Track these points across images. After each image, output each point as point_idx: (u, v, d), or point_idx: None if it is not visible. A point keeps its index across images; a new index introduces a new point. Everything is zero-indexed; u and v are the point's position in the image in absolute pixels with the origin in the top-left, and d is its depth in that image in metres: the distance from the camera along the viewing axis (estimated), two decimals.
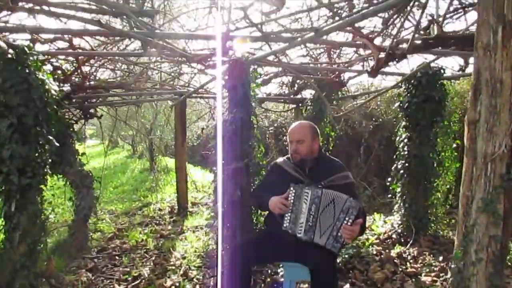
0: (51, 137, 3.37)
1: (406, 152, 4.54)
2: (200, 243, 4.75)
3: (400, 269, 3.73)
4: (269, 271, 3.66)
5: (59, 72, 4.53)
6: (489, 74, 1.54)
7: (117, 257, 4.40)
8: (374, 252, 4.14)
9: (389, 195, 5.21)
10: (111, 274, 3.91)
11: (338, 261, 3.64)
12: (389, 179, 4.91)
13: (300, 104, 6.87)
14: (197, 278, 3.66)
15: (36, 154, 3.22)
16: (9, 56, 3.02)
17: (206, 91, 6.00)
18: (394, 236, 4.58)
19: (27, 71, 3.12)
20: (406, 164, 4.53)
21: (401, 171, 4.59)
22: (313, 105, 5.92)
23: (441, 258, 3.88)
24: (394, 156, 4.79)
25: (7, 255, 3.16)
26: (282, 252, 2.74)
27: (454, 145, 4.67)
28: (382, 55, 2.86)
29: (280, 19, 3.37)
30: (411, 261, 3.94)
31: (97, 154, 17.87)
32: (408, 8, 2.27)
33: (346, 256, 3.87)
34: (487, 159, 1.58)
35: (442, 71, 4.42)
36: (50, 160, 3.52)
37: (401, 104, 4.58)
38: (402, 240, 4.47)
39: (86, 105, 5.61)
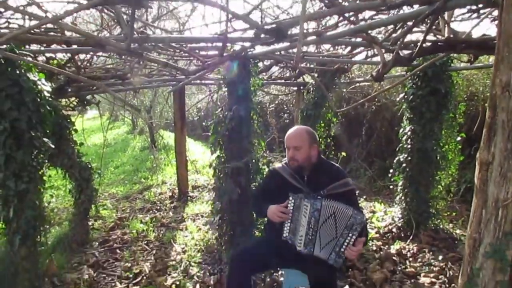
0: (46, 140, 3.30)
1: (409, 146, 4.47)
2: (200, 234, 4.75)
3: (399, 268, 3.74)
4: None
5: (53, 61, 4.39)
6: (507, 116, 1.45)
7: (118, 250, 4.41)
8: (374, 248, 4.14)
9: (390, 180, 5.14)
10: (112, 270, 3.93)
11: None
12: (391, 170, 4.86)
13: (301, 88, 6.74)
14: (198, 275, 3.67)
15: (32, 158, 3.16)
16: None
17: (205, 78, 5.86)
18: (394, 230, 4.58)
19: (17, 72, 3.01)
20: (409, 158, 4.47)
21: (404, 165, 4.53)
22: (315, 90, 5.79)
23: (440, 257, 3.88)
24: (397, 149, 4.72)
25: (8, 258, 3.17)
26: (282, 260, 2.73)
27: (459, 138, 4.59)
28: (388, 57, 2.73)
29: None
30: (410, 259, 3.94)
31: (97, 128, 17.80)
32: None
33: None
34: (498, 204, 1.51)
35: (449, 62, 4.28)
36: (46, 162, 3.48)
37: (405, 96, 4.46)
38: (402, 235, 4.47)
39: (83, 93, 5.49)
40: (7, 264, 3.15)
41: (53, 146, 3.37)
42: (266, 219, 2.94)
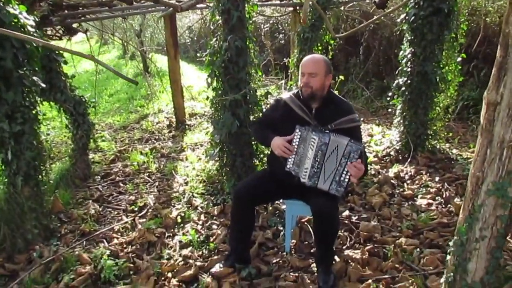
0: (36, 78, 3.18)
1: (409, 69, 4.36)
2: (200, 164, 4.81)
3: (397, 191, 3.84)
4: None
5: None
6: None
7: (121, 184, 4.49)
8: (373, 172, 4.22)
9: (388, 100, 5.12)
10: (117, 204, 4.02)
11: None
12: (390, 94, 4.82)
13: (297, 8, 6.43)
14: (201, 206, 3.77)
15: (23, 98, 3.07)
16: None
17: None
18: (392, 153, 4.64)
19: None
20: (408, 81, 4.38)
21: (403, 88, 4.46)
22: (312, 12, 5.53)
23: (437, 179, 3.97)
24: (396, 72, 4.62)
25: (13, 199, 3.21)
26: (284, 192, 2.79)
27: (459, 59, 4.48)
28: None
29: None
30: (408, 181, 4.04)
31: (87, 52, 17.20)
32: None
33: None
34: (504, 145, 1.49)
35: None
36: (39, 99, 3.39)
37: (406, 17, 4.26)
38: (400, 158, 4.54)
39: (69, 21, 5.23)
40: (13, 205, 3.20)
41: (43, 85, 3.27)
42: (269, 150, 2.95)
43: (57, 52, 4.44)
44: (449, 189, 3.76)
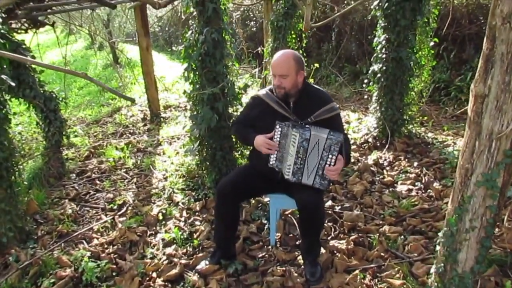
0: (4, 76, 3.02)
1: (383, 55, 4.39)
2: (179, 158, 4.73)
3: (378, 178, 3.89)
4: None
5: None
6: (506, 48, 1.37)
7: (97, 181, 4.36)
8: (352, 160, 4.25)
9: (361, 85, 5.14)
10: (95, 202, 3.91)
11: None
12: (366, 80, 4.85)
13: None
14: (183, 202, 3.70)
15: None
16: None
17: None
18: (370, 140, 4.68)
19: None
20: (384, 68, 4.41)
21: (378, 75, 4.49)
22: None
23: (415, 164, 4.04)
24: (371, 59, 4.65)
25: None
26: (269, 187, 2.76)
27: (432, 43, 4.54)
28: None
29: None
30: (387, 168, 4.09)
31: (52, 43, 16.63)
32: None
33: None
34: (493, 137, 1.50)
35: None
36: (8, 98, 3.24)
37: (380, 4, 4.27)
38: (378, 144, 4.59)
39: (35, 14, 4.99)
40: None
41: (13, 84, 3.12)
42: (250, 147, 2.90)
43: (24, 46, 4.25)
44: (428, 173, 3.83)
